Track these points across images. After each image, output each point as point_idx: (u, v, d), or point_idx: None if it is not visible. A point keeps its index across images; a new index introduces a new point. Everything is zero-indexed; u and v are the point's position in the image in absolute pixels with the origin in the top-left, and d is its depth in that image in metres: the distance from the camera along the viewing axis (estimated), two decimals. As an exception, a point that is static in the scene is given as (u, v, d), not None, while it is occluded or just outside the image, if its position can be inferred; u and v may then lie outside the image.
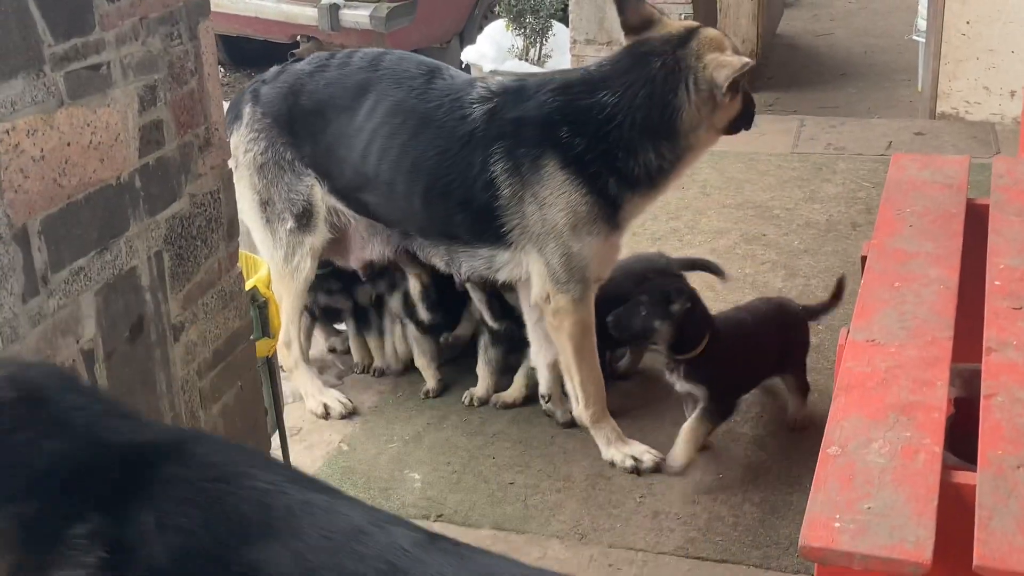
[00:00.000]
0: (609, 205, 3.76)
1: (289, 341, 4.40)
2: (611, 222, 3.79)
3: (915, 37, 8.08)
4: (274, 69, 4.30)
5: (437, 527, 3.78)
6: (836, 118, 7.54)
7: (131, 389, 2.52)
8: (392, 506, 3.91)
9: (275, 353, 3.36)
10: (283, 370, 4.52)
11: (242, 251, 3.55)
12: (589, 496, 3.94)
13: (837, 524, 2.35)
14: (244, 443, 2.97)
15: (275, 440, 3.53)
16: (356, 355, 4.79)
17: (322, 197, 4.18)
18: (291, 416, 4.48)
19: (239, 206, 4.26)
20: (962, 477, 2.53)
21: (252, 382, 3.03)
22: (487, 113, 3.81)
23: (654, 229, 5.86)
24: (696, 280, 4.42)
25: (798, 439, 4.15)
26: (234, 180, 4.24)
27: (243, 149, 4.19)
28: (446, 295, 4.40)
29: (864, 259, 3.47)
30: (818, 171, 6.57)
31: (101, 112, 2.32)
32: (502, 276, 3.98)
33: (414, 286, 4.41)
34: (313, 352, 4.91)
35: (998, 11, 6.97)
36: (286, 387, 4.61)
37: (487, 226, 3.85)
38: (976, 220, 3.69)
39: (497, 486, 4.01)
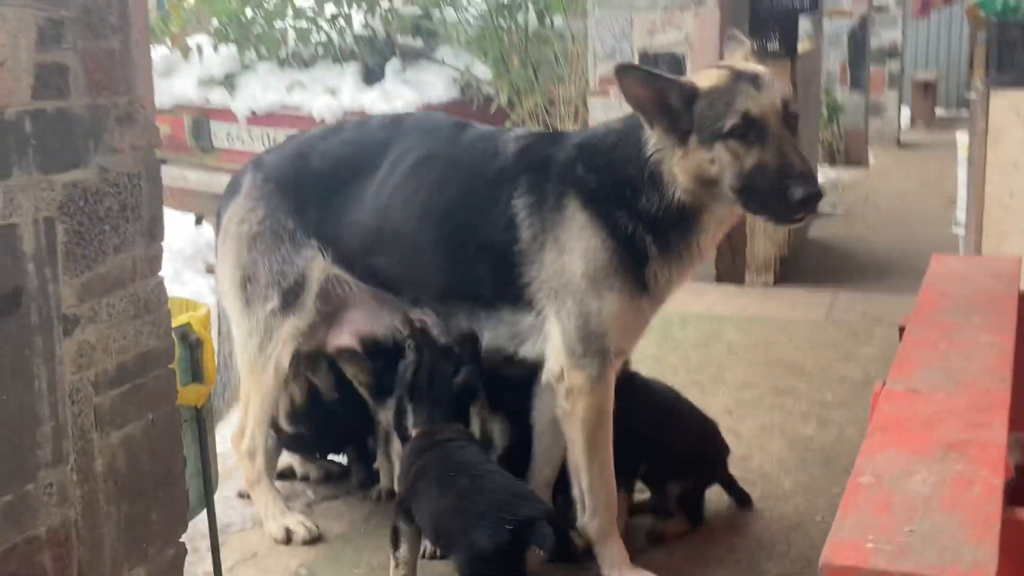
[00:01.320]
0: (631, 253, 3.32)
1: (254, 450, 3.90)
2: (634, 277, 3.34)
3: (955, 230, 7.76)
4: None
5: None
6: (872, 293, 7.12)
7: (-3, 374, 2.06)
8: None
9: (205, 405, 2.88)
10: (244, 485, 4.03)
11: (184, 298, 3.15)
12: (585, 627, 3.33)
13: (870, 545, 1.80)
14: (151, 497, 2.47)
15: (202, 522, 2.99)
16: (385, 479, 4.18)
17: (322, 270, 3.76)
18: (248, 540, 3.93)
19: (220, 288, 3.93)
20: (1029, 514, 1.98)
21: (168, 422, 2.54)
22: (520, 150, 3.51)
23: (673, 381, 5.33)
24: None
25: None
26: (218, 255, 3.97)
27: (237, 220, 3.83)
28: None
29: (902, 329, 2.98)
30: (854, 335, 6.10)
31: (-13, 29, 1.97)
32: (526, 351, 3.53)
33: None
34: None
35: (1041, 183, 6.65)
36: (243, 512, 4.10)
37: (508, 278, 3.45)
38: (1031, 309, 3.22)
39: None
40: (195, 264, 8.33)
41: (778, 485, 4.21)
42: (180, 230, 9.52)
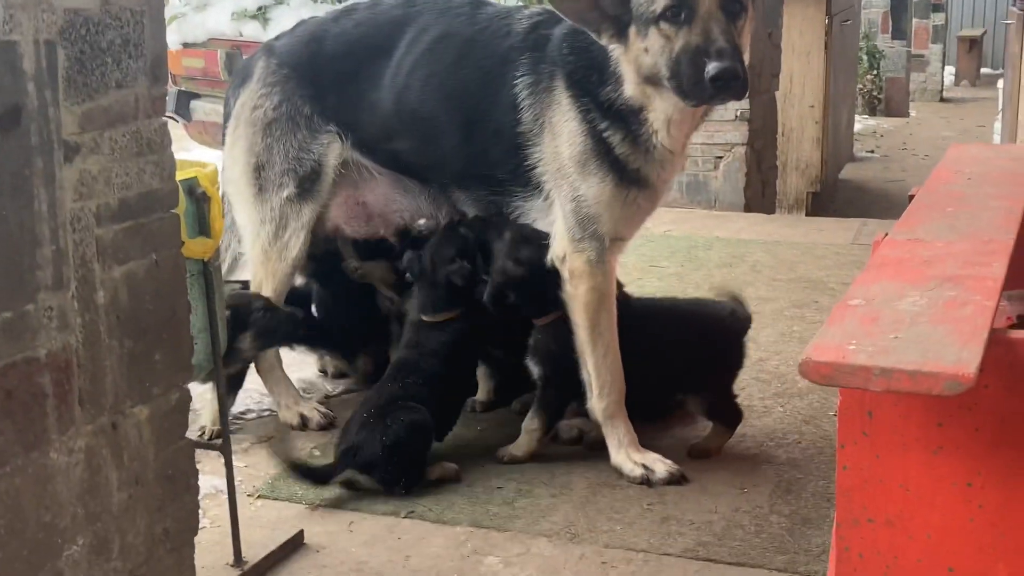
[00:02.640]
0: (602, 141, 3.34)
1: (266, 337, 3.92)
2: (615, 166, 3.35)
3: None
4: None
5: (406, 524, 3.23)
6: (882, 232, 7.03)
7: (-4, 188, 2.08)
8: (358, 504, 3.35)
9: (213, 261, 2.89)
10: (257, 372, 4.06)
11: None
12: (588, 500, 3.35)
13: (852, 347, 1.79)
14: (154, 336, 2.50)
15: (200, 392, 3.02)
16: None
17: (339, 154, 3.78)
18: (266, 426, 3.98)
19: (227, 175, 3.93)
20: (1019, 334, 1.96)
21: (172, 265, 2.56)
22: (529, 28, 3.52)
23: (695, 295, 5.35)
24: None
25: (841, 463, 3.52)
26: (227, 143, 3.97)
27: (251, 106, 3.83)
28: None
29: (912, 198, 2.95)
30: (880, 257, 6.04)
31: None
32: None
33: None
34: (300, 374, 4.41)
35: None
36: (260, 400, 4.13)
37: (516, 160, 3.48)
38: (1047, 188, 3.17)
39: (483, 489, 3.44)
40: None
41: (792, 384, 4.20)
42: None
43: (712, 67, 3.03)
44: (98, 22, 2.32)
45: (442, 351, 3.56)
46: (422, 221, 3.79)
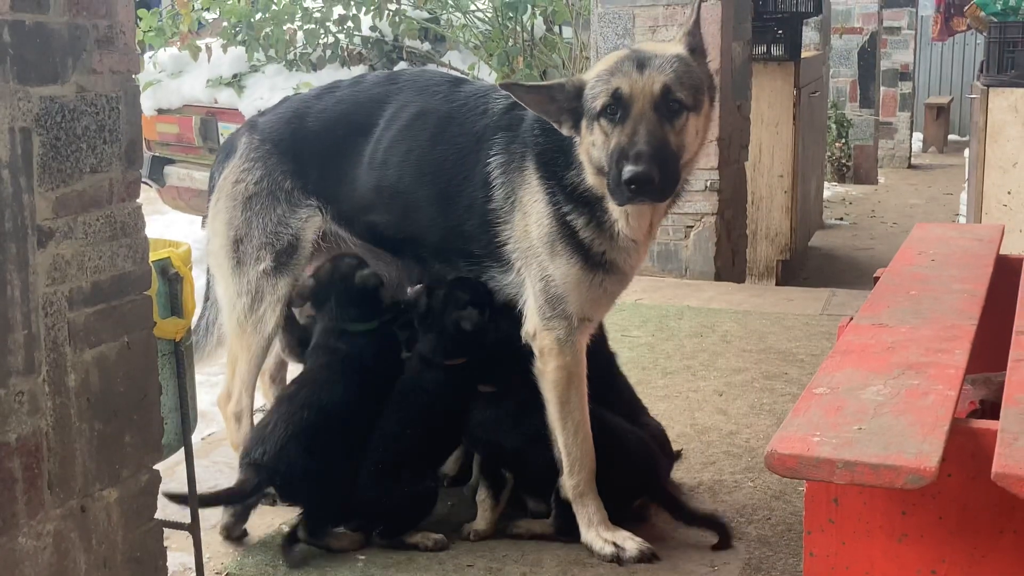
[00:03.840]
0: (568, 225, 3.38)
1: (240, 413, 3.91)
2: (580, 250, 3.39)
3: (957, 235, 7.75)
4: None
5: (375, 602, 3.20)
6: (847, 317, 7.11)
7: (-31, 276, 2.10)
8: (326, 581, 3.34)
9: (185, 338, 2.91)
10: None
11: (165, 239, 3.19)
12: (558, 579, 3.34)
13: (816, 439, 1.82)
14: (124, 418, 2.50)
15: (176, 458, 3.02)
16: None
17: (318, 228, 3.80)
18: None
19: (209, 247, 3.96)
20: (981, 424, 2.00)
21: (144, 347, 2.57)
22: (505, 108, 3.56)
23: (665, 365, 5.38)
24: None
25: (810, 540, 3.54)
26: (210, 216, 4.00)
27: (233, 180, 3.86)
28: None
29: (877, 280, 3.00)
30: (848, 328, 6.10)
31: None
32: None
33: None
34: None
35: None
36: (231, 477, 4.11)
37: (489, 237, 3.52)
38: (1007, 270, 3.23)
39: (453, 567, 3.43)
40: (203, 267, 8.39)
41: (763, 458, 4.20)
42: (188, 233, 9.59)
43: (627, 171, 3.07)
44: (73, 109, 2.36)
45: (441, 392, 3.60)
46: (410, 289, 3.78)
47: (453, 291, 3.59)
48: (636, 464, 3.64)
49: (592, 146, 3.24)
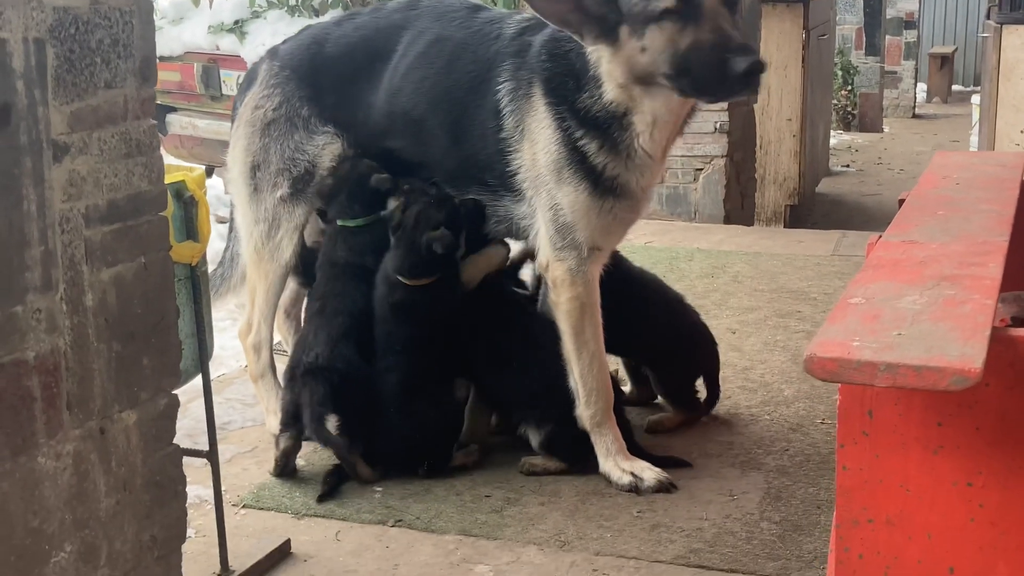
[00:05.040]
0: (578, 151, 3.33)
1: (259, 344, 3.89)
2: (590, 176, 3.33)
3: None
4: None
5: (394, 532, 3.20)
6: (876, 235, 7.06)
7: (-15, 187, 2.05)
8: (344, 512, 3.32)
9: (201, 263, 2.86)
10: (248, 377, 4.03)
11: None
12: (577, 509, 3.33)
13: (856, 343, 1.78)
14: (142, 340, 2.47)
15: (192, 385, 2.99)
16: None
17: (335, 155, 3.75)
18: (248, 435, 3.95)
19: (229, 175, 3.94)
20: (1020, 332, 1.96)
21: (161, 269, 2.53)
22: (516, 33, 3.50)
23: (678, 305, 5.34)
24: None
25: (829, 470, 3.51)
26: (230, 143, 3.96)
27: (252, 106, 3.83)
28: None
29: (902, 202, 2.96)
30: (860, 268, 6.05)
31: None
32: (530, 238, 3.55)
33: None
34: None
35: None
36: (243, 412, 4.10)
37: (502, 166, 3.48)
38: (1033, 194, 3.18)
39: (471, 497, 3.41)
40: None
41: (779, 392, 4.19)
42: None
43: (741, 62, 3.03)
44: (87, 21, 2.30)
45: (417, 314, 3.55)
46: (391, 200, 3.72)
47: (428, 209, 3.52)
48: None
49: (641, 51, 3.15)
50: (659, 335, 3.84)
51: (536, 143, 3.37)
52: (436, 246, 3.42)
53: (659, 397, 4.00)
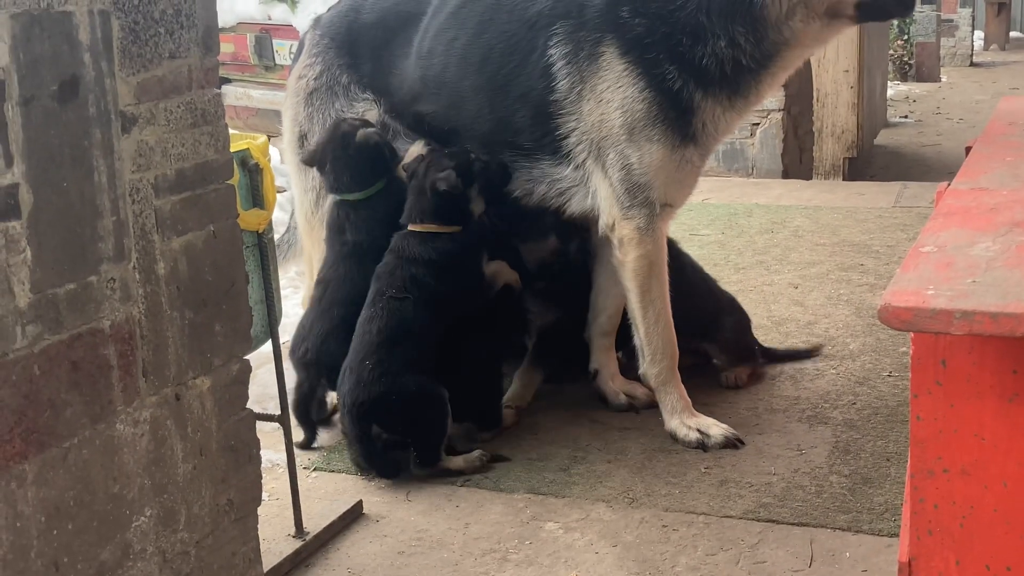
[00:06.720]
0: (672, 104, 3.28)
1: (312, 303, 3.92)
2: (677, 128, 3.30)
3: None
4: None
5: (463, 492, 3.22)
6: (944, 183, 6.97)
7: (57, 161, 2.08)
8: (410, 474, 3.35)
9: (267, 230, 2.89)
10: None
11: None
12: (644, 466, 3.33)
13: (931, 291, 1.76)
14: (214, 307, 2.50)
15: (263, 351, 3.03)
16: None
17: (374, 122, 3.74)
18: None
19: (283, 144, 3.99)
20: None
21: (230, 236, 2.56)
22: None
23: (737, 261, 5.32)
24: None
25: (897, 423, 3.50)
26: (282, 114, 4.01)
27: (296, 76, 3.88)
28: None
29: (969, 149, 2.91)
30: (923, 219, 5.97)
31: None
32: (573, 207, 3.51)
33: None
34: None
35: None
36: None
37: (546, 128, 3.43)
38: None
39: (537, 456, 3.43)
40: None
41: (843, 346, 4.17)
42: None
43: None
44: (150, -10, 2.31)
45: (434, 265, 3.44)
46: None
47: (439, 158, 3.49)
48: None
49: None
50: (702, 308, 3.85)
51: (608, 103, 3.32)
52: (440, 183, 3.38)
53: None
